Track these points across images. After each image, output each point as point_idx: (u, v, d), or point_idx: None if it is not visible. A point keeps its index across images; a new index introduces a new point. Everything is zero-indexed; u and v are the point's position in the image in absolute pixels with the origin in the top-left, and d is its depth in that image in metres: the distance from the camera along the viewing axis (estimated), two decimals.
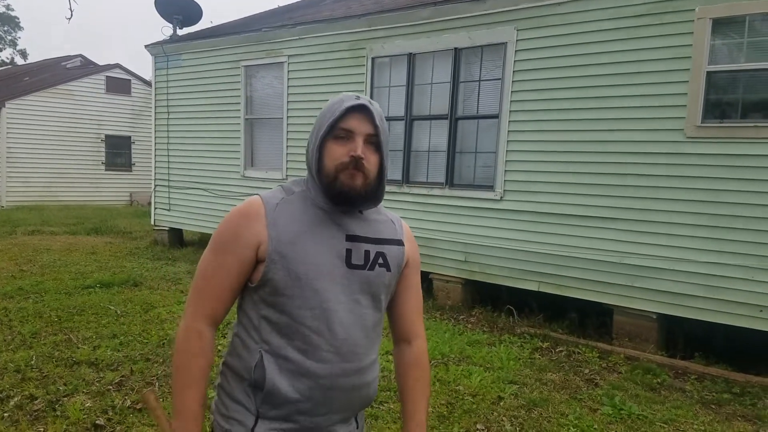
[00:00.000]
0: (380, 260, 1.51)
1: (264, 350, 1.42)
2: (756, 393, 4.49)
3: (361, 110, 1.43)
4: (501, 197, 6.45)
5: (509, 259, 6.40)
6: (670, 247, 5.34)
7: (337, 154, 1.42)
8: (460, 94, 6.80)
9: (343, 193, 1.43)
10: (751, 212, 4.94)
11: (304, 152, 1.51)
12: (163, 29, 10.10)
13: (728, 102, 5.16)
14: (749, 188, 4.94)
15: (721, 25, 5.12)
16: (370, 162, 1.44)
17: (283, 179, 8.46)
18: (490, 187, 6.55)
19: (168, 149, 10.18)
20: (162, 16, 10.00)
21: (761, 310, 4.91)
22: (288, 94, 8.42)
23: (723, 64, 5.14)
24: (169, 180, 10.18)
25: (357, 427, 1.60)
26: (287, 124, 8.45)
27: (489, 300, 6.76)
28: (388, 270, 1.53)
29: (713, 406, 4.25)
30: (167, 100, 10.08)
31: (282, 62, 8.46)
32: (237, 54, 9.02)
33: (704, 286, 5.17)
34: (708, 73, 5.12)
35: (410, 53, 7.12)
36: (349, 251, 1.46)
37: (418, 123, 7.19)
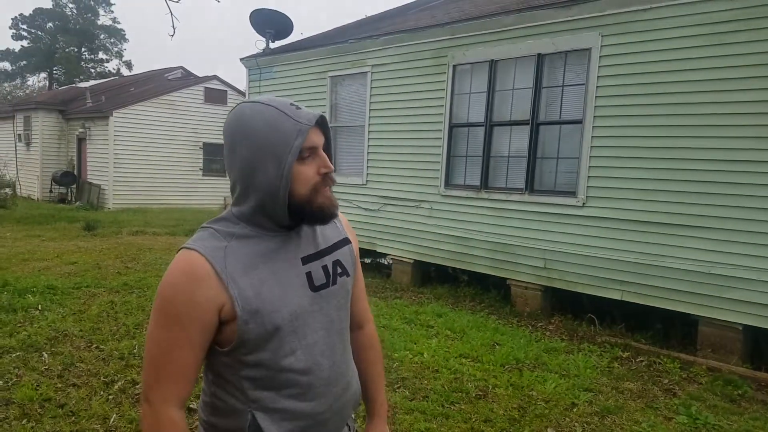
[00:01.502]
0: (339, 269, 1.45)
1: (254, 409, 1.32)
2: None
3: (318, 122, 1.35)
4: (583, 203, 6.38)
5: (591, 266, 6.31)
6: (760, 257, 5.12)
7: (308, 176, 1.32)
8: (542, 99, 6.79)
9: (326, 213, 1.36)
10: None
11: (242, 175, 1.35)
12: (256, 43, 10.66)
13: None
14: None
15: None
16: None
17: (363, 184, 8.72)
18: (572, 193, 6.49)
19: None
20: (256, 30, 10.55)
21: None
22: (370, 102, 8.68)
23: None
24: None
25: (350, 430, 1.57)
26: (368, 132, 8.71)
27: (569, 308, 6.68)
28: (348, 275, 1.48)
29: None
30: None
31: (366, 72, 8.73)
32: (324, 65, 9.38)
33: None
34: None
35: (492, 60, 7.18)
36: (309, 274, 1.38)
37: (498, 129, 7.23)
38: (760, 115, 5.08)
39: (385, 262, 8.85)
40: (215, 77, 20.93)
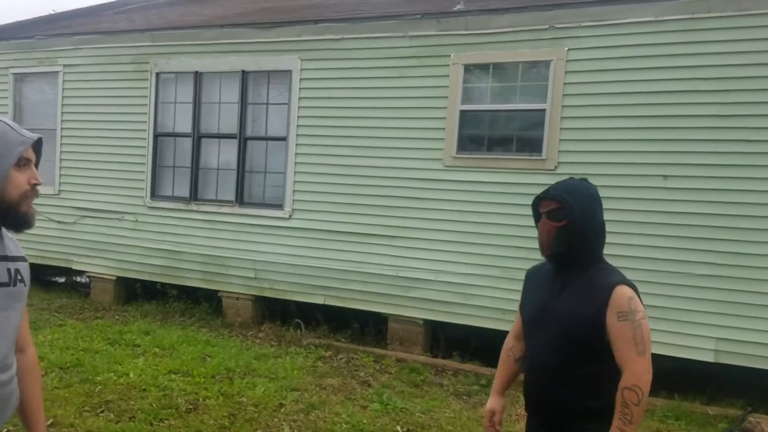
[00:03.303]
0: (19, 276, 1.61)
1: None
2: None
3: (36, 143, 1.55)
4: (290, 216, 6.77)
5: (298, 274, 6.71)
6: (434, 260, 6.09)
7: (21, 182, 1.50)
8: (248, 115, 7.02)
9: (28, 221, 1.54)
10: (494, 230, 5.84)
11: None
12: None
13: (477, 136, 6.05)
14: (493, 210, 5.83)
15: (471, 71, 6.01)
16: None
17: (56, 194, 7.90)
18: (280, 206, 6.83)
19: None
20: None
21: (504, 313, 5.81)
22: (63, 105, 7.93)
23: (473, 104, 6.03)
24: None
25: None
26: (61, 136, 7.93)
27: (279, 315, 7.00)
28: (25, 285, 1.65)
29: (464, 397, 4.98)
30: None
31: (57, 71, 7.95)
32: (6, 60, 8.26)
33: (461, 294, 5.97)
34: (461, 111, 5.97)
35: (197, 71, 7.16)
36: None
37: (206, 141, 7.25)
38: (432, 140, 6.06)
39: (83, 281, 8.13)
40: None
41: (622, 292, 1.93)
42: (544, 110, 5.68)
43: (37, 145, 1.57)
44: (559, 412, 2.04)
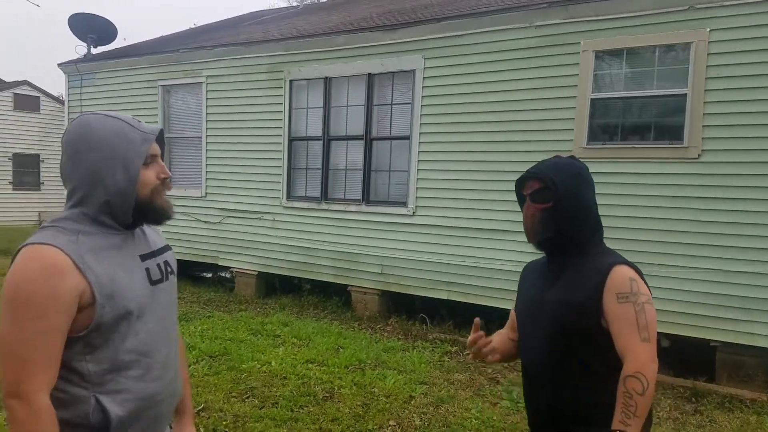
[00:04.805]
0: (169, 268, 1.63)
1: (98, 393, 1.40)
2: None
3: (159, 134, 1.56)
4: (413, 212, 6.89)
5: (422, 270, 6.83)
6: None
7: (150, 179, 1.50)
8: (374, 116, 7.22)
9: (165, 213, 1.55)
10: (629, 224, 5.57)
11: (72, 178, 1.47)
12: (76, 48, 10.04)
13: (610, 126, 5.81)
14: (627, 202, 5.57)
15: (603, 57, 5.79)
16: None
17: (203, 197, 8.59)
18: (404, 203, 6.98)
19: None
20: (75, 35, 9.92)
21: None
22: (207, 113, 8.58)
23: (605, 92, 5.79)
24: None
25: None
26: (206, 143, 8.60)
27: (404, 309, 7.15)
28: (174, 274, 1.66)
29: None
30: None
31: (200, 83, 8.62)
32: (154, 73, 9.08)
33: None
34: (592, 100, 5.76)
35: (326, 77, 7.48)
36: (147, 270, 1.53)
37: (335, 143, 7.56)
38: (560, 131, 5.90)
39: (228, 276, 8.76)
40: (26, 82, 19.13)
41: (622, 271, 1.70)
42: (684, 95, 5.35)
43: (160, 137, 1.55)
44: (559, 415, 1.81)
